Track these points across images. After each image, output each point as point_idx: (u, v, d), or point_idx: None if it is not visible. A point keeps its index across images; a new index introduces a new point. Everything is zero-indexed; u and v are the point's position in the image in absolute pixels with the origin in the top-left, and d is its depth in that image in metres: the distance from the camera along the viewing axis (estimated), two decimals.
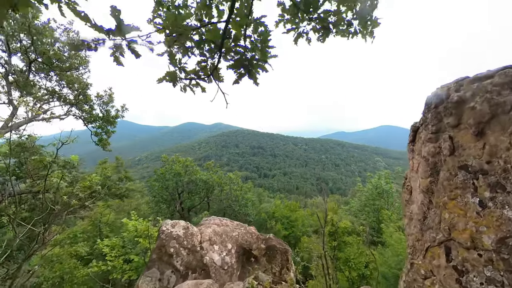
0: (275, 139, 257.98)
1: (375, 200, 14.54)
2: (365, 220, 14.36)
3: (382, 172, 14.50)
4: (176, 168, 13.62)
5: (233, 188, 13.49)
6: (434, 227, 3.02)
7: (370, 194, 15.08)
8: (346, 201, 27.59)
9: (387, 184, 13.82)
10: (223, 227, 5.79)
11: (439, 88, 3.17)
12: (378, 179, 14.05)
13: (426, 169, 3.22)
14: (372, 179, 15.09)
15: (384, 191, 13.85)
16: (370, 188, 14.64)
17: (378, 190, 14.16)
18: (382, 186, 13.62)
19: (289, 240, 15.73)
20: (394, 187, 13.53)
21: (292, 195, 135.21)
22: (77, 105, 10.75)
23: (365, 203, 15.04)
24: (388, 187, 13.52)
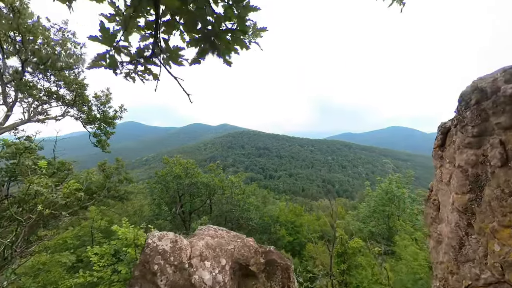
0: (281, 140, 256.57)
1: (385, 206, 13.67)
2: (374, 227, 13.51)
3: (393, 176, 13.62)
4: (176, 171, 13.20)
5: (234, 192, 12.93)
6: (477, 261, 2.30)
7: (380, 199, 14.20)
8: (353, 205, 26.58)
9: (398, 189, 12.94)
10: (218, 239, 5.24)
11: (480, 80, 2.44)
12: (388, 184, 13.18)
13: (464, 183, 2.49)
14: (382, 183, 14.21)
15: (395, 197, 12.98)
16: (380, 192, 13.77)
17: (388, 195, 13.28)
18: (393, 191, 12.75)
19: (294, 246, 15.06)
20: (406, 193, 12.63)
21: (297, 197, 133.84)
22: (75, 105, 10.50)
23: (374, 208, 14.18)
24: (399, 192, 12.64)
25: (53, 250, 6.97)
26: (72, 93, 9.57)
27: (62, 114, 10.10)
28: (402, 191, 12.60)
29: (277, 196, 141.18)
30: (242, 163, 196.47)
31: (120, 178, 13.91)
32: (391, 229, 14.16)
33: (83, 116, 11.00)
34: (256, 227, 15.27)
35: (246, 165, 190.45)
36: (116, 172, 14.03)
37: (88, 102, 10.30)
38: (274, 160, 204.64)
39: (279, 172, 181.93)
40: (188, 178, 13.32)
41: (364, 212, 14.88)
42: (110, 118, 10.89)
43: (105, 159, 13.26)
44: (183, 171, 13.49)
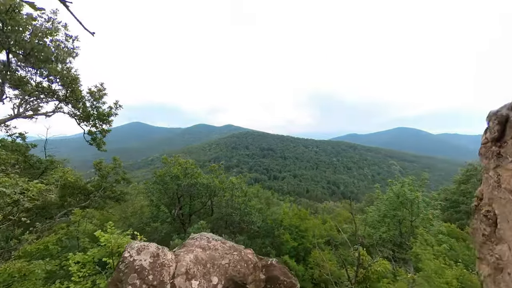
0: (285, 141, 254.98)
1: (396, 210, 12.72)
2: (385, 233, 12.57)
3: (406, 179, 12.65)
4: (174, 171, 12.56)
5: (235, 194, 12.18)
6: None
7: (391, 203, 13.25)
8: (360, 208, 25.48)
9: (411, 192, 11.98)
10: (210, 251, 4.50)
11: None
12: (401, 187, 12.23)
13: None
14: (393, 185, 13.26)
15: (407, 200, 12.02)
16: (391, 196, 12.82)
17: (400, 199, 12.34)
18: (406, 194, 11.79)
19: (298, 251, 14.21)
20: (420, 196, 11.64)
21: (302, 198, 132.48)
22: (69, 101, 9.99)
23: (384, 213, 13.24)
24: (412, 196, 11.68)
25: (33, 256, 6.38)
26: (63, 88, 9.06)
27: (53, 110, 9.59)
28: (415, 195, 11.64)
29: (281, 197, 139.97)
30: (246, 163, 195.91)
31: (117, 178, 13.40)
32: (402, 234, 13.20)
33: (78, 112, 10.50)
34: (259, 231, 14.51)
35: (250, 166, 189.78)
36: (113, 172, 13.53)
37: (82, 98, 9.78)
38: (278, 161, 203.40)
39: (284, 173, 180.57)
40: (187, 179, 12.66)
41: (374, 217, 13.94)
42: (105, 115, 10.33)
43: (101, 158, 12.76)
44: (181, 171, 12.85)
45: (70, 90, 9.30)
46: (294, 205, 26.83)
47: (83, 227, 9.00)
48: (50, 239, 6.63)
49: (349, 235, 14.97)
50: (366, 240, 13.18)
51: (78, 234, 8.50)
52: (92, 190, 12.81)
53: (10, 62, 7.53)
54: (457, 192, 22.08)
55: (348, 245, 15.61)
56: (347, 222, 18.80)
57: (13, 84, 8.95)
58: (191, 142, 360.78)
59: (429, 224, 11.72)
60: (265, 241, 15.30)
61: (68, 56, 8.41)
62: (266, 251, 14.30)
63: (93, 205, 12.53)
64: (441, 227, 11.89)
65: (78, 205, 12.70)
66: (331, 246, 16.25)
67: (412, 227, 12.51)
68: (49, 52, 7.23)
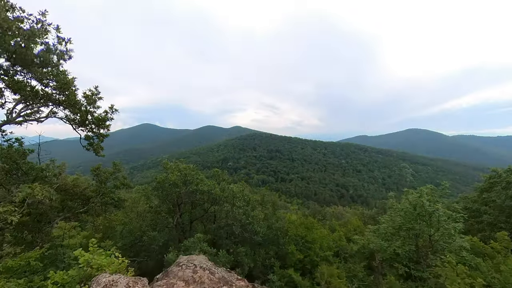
0: (293, 142, 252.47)
1: (413, 223, 11.57)
2: (400, 248, 11.45)
3: (425, 188, 11.47)
4: (172, 178, 11.99)
5: (236, 205, 11.45)
6: None
7: (406, 213, 12.10)
8: (371, 216, 24.10)
9: (430, 203, 10.82)
10: (195, 286, 3.81)
11: None
12: (419, 197, 11.10)
13: None
14: (409, 195, 12.11)
15: (426, 213, 10.87)
16: (408, 207, 11.69)
17: (418, 210, 11.20)
18: (425, 206, 10.65)
19: (304, 264, 13.31)
20: (441, 208, 10.46)
21: (309, 201, 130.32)
22: (66, 106, 9.65)
23: (400, 225, 12.10)
24: (432, 208, 10.53)
25: (14, 272, 5.92)
26: (58, 92, 8.71)
27: (46, 115, 9.25)
28: (435, 207, 10.48)
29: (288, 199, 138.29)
30: (253, 165, 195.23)
31: (116, 184, 13.02)
32: (419, 249, 12.01)
33: (77, 117, 10.16)
34: (262, 242, 13.69)
35: (257, 168, 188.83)
36: (112, 177, 13.17)
37: (77, 103, 9.40)
38: (286, 163, 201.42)
39: (291, 175, 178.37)
40: (187, 186, 12.08)
41: (388, 228, 12.81)
42: (100, 120, 9.93)
43: (99, 163, 12.41)
44: (181, 178, 12.27)
45: (66, 94, 8.94)
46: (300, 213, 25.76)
47: (70, 240, 8.55)
48: (33, 254, 6.17)
49: (359, 247, 13.91)
50: (379, 255, 12.11)
51: (63, 249, 8.06)
52: (92, 195, 12.48)
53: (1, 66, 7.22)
54: (479, 201, 20.38)
55: (358, 258, 14.54)
56: (358, 232, 17.62)
57: (12, 88, 8.71)
58: (199, 143, 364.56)
59: (451, 239, 10.52)
60: (269, 251, 14.48)
61: (60, 59, 8.04)
62: (270, 262, 13.49)
63: (91, 212, 12.17)
64: (464, 243, 10.67)
65: (77, 210, 12.42)
66: (340, 258, 15.20)
67: (431, 242, 11.33)
68: (32, 54, 6.84)
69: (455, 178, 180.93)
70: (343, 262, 13.84)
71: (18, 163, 8.24)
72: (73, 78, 9.22)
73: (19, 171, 8.63)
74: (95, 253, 5.36)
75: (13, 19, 6.36)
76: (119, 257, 5.22)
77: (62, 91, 8.55)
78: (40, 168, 8.56)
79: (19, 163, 8.26)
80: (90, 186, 12.47)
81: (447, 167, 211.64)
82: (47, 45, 7.57)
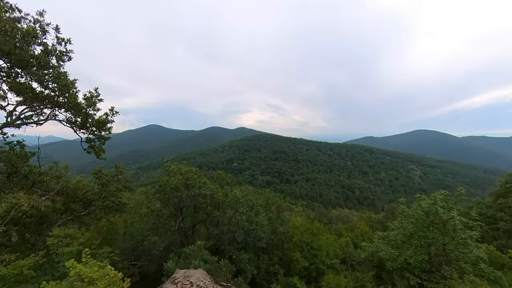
0: (298, 144, 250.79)
1: (425, 231, 10.93)
2: (411, 258, 10.82)
3: (439, 195, 10.82)
4: (173, 182, 11.72)
5: (238, 211, 11.07)
6: None
7: (418, 220, 11.46)
8: (379, 221, 23.30)
9: (445, 210, 10.17)
10: None
11: None
12: (433, 204, 10.46)
13: None
14: (421, 201, 11.47)
15: (440, 220, 10.23)
16: (421, 214, 11.05)
17: (431, 218, 10.57)
18: (439, 213, 10.01)
19: (310, 271, 12.79)
20: (456, 217, 9.80)
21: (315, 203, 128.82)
22: (68, 108, 9.52)
23: (411, 233, 11.47)
24: (447, 216, 9.88)
25: (6, 281, 5.71)
26: (59, 93, 8.57)
27: (46, 118, 9.12)
28: (450, 215, 9.83)
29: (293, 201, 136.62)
30: (258, 166, 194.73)
31: (117, 187, 12.85)
32: (432, 259, 11.34)
33: (78, 120, 10.02)
34: (266, 246, 13.26)
35: (262, 169, 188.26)
36: (114, 180, 13.01)
37: (78, 105, 9.24)
38: (291, 164, 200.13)
39: (296, 176, 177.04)
40: (189, 190, 11.79)
41: (398, 236, 12.18)
42: (100, 122, 9.75)
43: (101, 166, 12.27)
44: (183, 181, 11.98)
45: (66, 96, 8.79)
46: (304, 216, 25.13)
47: (65, 249, 8.35)
48: (27, 262, 5.96)
49: (368, 254, 13.30)
50: (388, 264, 11.49)
51: (58, 257, 7.85)
52: (94, 198, 12.35)
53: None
54: (494, 206, 19.42)
55: (366, 266, 13.92)
56: (365, 239, 16.96)
57: (14, 90, 8.62)
58: (204, 144, 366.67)
59: (467, 249, 9.85)
60: (273, 257, 14.02)
61: (59, 60, 7.89)
62: (274, 269, 13.03)
63: (92, 215, 12.03)
64: (481, 253, 9.98)
65: (78, 213, 12.31)
66: (347, 265, 14.61)
67: (445, 251, 10.66)
68: (27, 56, 6.68)
69: (465, 180, 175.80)
70: (351, 270, 13.25)
71: (17, 167, 8.10)
72: (74, 80, 9.07)
73: (18, 174, 8.49)
74: (87, 265, 5.08)
75: (8, 19, 6.18)
76: (112, 269, 4.89)
77: (62, 93, 8.38)
78: (39, 172, 8.39)
79: (18, 166, 8.12)
80: (92, 189, 12.33)
81: (457, 170, 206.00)
82: (45, 45, 7.39)
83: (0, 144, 8.90)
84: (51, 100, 9.00)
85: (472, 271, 9.51)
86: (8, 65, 7.39)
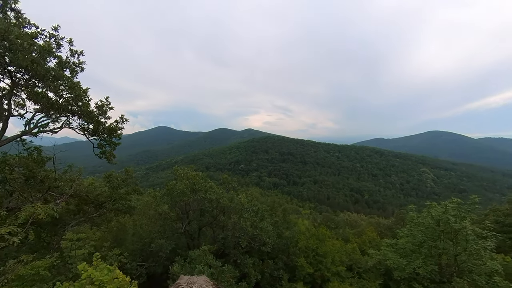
0: (306, 145, 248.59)
1: (436, 240, 10.60)
2: (421, 268, 10.52)
3: (450, 203, 10.45)
4: (180, 187, 11.97)
5: (243, 216, 11.15)
6: None
7: (428, 229, 11.14)
8: (389, 227, 22.74)
9: (457, 219, 9.83)
10: None
11: None
12: (444, 212, 10.12)
13: None
14: (432, 208, 11.14)
15: (451, 230, 9.91)
16: (430, 223, 10.74)
17: (442, 227, 10.24)
18: (450, 222, 9.68)
19: (314, 278, 12.67)
20: (469, 227, 9.44)
21: (322, 206, 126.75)
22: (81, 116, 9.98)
23: (420, 241, 11.15)
24: (459, 226, 9.54)
25: (24, 281, 6.05)
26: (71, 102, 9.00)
27: (61, 126, 9.58)
28: (462, 224, 9.49)
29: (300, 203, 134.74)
30: (265, 168, 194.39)
31: (127, 190, 13.27)
32: (443, 270, 10.98)
33: (90, 127, 10.48)
34: (272, 249, 13.25)
35: (269, 170, 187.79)
36: (124, 184, 13.44)
37: (91, 113, 9.66)
38: (298, 166, 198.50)
39: (303, 178, 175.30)
40: (195, 193, 11.99)
41: (407, 244, 11.86)
42: (112, 130, 10.14)
43: (112, 170, 12.73)
44: (189, 186, 12.21)
45: (79, 105, 9.22)
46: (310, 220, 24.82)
47: (78, 251, 8.70)
48: (43, 263, 6.29)
49: (375, 262, 13.03)
50: (396, 273, 11.21)
51: (71, 259, 8.20)
52: (105, 200, 12.81)
53: (17, 79, 7.56)
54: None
55: (373, 274, 13.63)
56: (373, 246, 16.60)
57: (33, 99, 9.14)
58: (212, 145, 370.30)
59: (480, 261, 9.48)
60: (278, 261, 14.00)
61: (73, 71, 8.30)
62: (278, 274, 13.02)
63: (103, 217, 12.48)
64: (496, 265, 9.56)
65: (90, 215, 12.82)
66: (353, 272, 14.36)
67: (456, 262, 10.31)
68: (43, 70, 7.07)
69: (482, 184, 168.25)
70: (357, 278, 13.02)
71: (34, 172, 8.56)
72: (86, 89, 9.50)
73: (35, 179, 8.96)
74: (97, 268, 5.31)
75: (26, 34, 6.59)
76: (120, 273, 5.09)
77: (75, 102, 8.79)
78: (54, 178, 8.83)
79: (35, 171, 8.57)
80: (103, 192, 12.79)
81: (472, 172, 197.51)
82: (60, 58, 7.81)
83: (19, 150, 9.46)
84: (66, 108, 9.46)
85: (485, 285, 9.13)
86: (26, 77, 7.84)
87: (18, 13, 6.74)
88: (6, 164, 7.73)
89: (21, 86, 8.68)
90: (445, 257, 10.75)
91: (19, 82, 7.86)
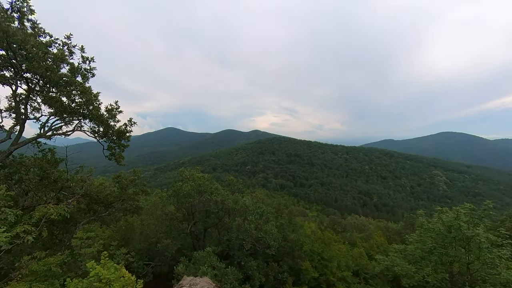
0: (313, 147, 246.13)
1: (447, 247, 10.24)
2: (430, 276, 10.19)
3: (462, 209, 10.08)
4: (186, 189, 12.15)
5: (247, 219, 11.18)
6: None
7: (438, 235, 10.76)
8: (398, 231, 22.15)
9: (470, 226, 9.46)
10: None
11: None
12: (455, 218, 9.77)
13: None
14: (443, 214, 10.78)
15: (464, 237, 9.55)
16: (441, 229, 10.38)
17: (453, 234, 9.89)
18: (463, 229, 9.33)
19: (320, 282, 12.51)
20: (482, 235, 9.05)
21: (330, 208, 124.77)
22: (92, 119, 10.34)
23: (430, 248, 10.80)
24: (472, 232, 9.18)
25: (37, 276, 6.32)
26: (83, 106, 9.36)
27: (73, 129, 9.97)
28: (475, 231, 9.12)
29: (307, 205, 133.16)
30: (272, 169, 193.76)
31: (135, 191, 13.59)
32: (454, 279, 10.57)
33: (101, 130, 10.83)
34: (276, 254, 13.20)
35: (276, 172, 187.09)
36: (132, 185, 13.78)
37: (101, 117, 10.00)
38: (305, 167, 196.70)
39: (310, 180, 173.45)
40: (201, 195, 12.13)
41: (416, 251, 11.52)
42: (121, 132, 10.46)
43: (121, 171, 13.09)
44: (195, 188, 12.38)
45: (90, 109, 9.57)
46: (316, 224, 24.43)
47: (86, 250, 9.01)
48: (54, 259, 6.57)
49: (383, 268, 12.72)
50: (404, 280, 10.91)
51: (81, 257, 8.50)
52: (114, 200, 13.19)
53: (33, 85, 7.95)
54: None
55: (380, 280, 13.31)
56: (381, 251, 16.22)
57: (48, 103, 9.57)
58: (219, 146, 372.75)
59: (495, 270, 9.08)
60: (282, 264, 13.91)
61: (84, 77, 8.64)
62: (283, 277, 12.93)
63: (112, 216, 12.84)
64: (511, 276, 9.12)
65: (100, 214, 13.22)
66: (360, 278, 14.07)
67: (469, 271, 9.91)
68: (56, 77, 7.40)
69: (498, 188, 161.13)
70: (363, 284, 12.75)
71: (48, 172, 8.92)
72: (97, 93, 9.85)
73: (49, 179, 9.34)
74: (105, 266, 5.49)
75: (41, 43, 6.92)
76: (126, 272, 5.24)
77: (87, 106, 9.13)
78: (66, 178, 9.18)
79: (48, 172, 8.94)
80: (112, 192, 13.17)
81: (488, 176, 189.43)
82: (72, 65, 8.14)
83: (35, 152, 9.91)
84: (78, 112, 9.84)
85: None
86: (41, 83, 8.22)
87: (34, 23, 7.11)
88: (23, 165, 8.11)
89: (37, 91, 9.12)
90: (456, 265, 10.36)
91: (35, 87, 8.26)
